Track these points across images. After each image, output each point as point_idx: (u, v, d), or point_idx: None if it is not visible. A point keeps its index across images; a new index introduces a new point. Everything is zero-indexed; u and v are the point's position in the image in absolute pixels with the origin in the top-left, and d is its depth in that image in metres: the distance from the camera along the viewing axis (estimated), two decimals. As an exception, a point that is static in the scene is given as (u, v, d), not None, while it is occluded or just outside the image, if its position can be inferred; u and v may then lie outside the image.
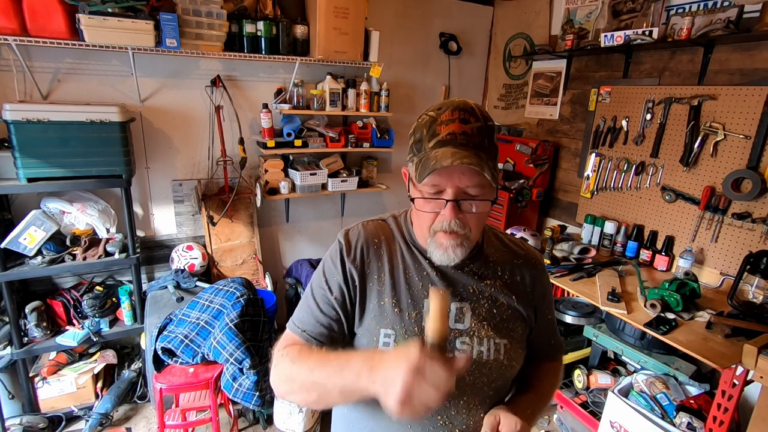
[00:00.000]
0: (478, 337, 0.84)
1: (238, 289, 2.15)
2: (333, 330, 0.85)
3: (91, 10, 2.01)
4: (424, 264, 0.87)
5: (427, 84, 3.37)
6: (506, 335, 0.86)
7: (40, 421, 2.26)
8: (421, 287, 0.85)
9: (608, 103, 2.66)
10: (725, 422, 1.62)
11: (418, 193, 0.79)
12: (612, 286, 2.11)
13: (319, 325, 0.85)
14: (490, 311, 0.86)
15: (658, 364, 2.06)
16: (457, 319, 0.85)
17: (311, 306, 0.87)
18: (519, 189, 2.92)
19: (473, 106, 0.77)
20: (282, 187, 2.83)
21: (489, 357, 0.83)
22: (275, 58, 2.58)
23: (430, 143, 0.76)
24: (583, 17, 2.81)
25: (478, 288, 0.87)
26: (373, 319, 0.84)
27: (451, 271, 0.87)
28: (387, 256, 0.87)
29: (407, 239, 0.90)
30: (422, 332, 0.80)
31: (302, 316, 0.88)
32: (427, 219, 0.80)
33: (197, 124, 2.66)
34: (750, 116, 2.02)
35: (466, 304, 0.86)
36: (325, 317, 0.85)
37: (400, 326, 0.82)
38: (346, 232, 0.90)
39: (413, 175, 0.78)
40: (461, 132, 0.74)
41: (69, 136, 2.03)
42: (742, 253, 2.04)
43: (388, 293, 0.84)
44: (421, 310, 0.83)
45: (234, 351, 1.96)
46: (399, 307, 0.84)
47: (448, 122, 0.75)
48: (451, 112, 0.76)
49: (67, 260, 2.22)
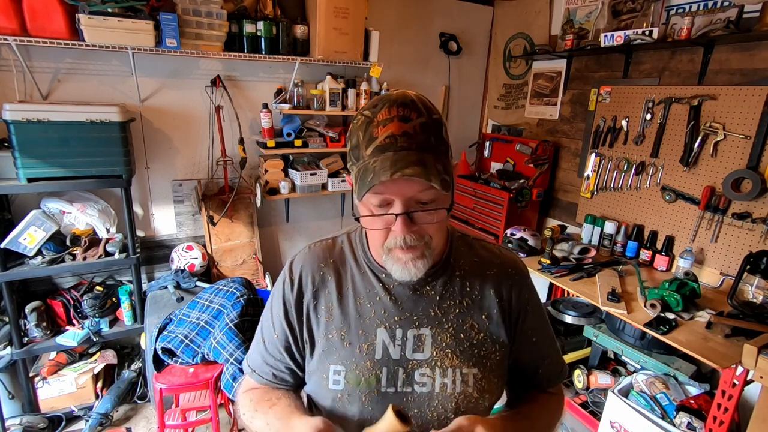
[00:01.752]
0: (441, 367, 0.75)
1: (238, 289, 2.15)
2: (281, 371, 0.82)
3: (91, 10, 2.01)
4: (378, 288, 0.78)
5: (427, 84, 3.37)
6: (477, 364, 0.76)
7: (40, 421, 2.26)
8: (373, 315, 0.76)
9: (608, 103, 2.66)
10: (725, 422, 1.62)
11: (364, 209, 0.70)
12: (612, 286, 2.10)
13: (268, 366, 0.83)
14: (456, 336, 0.76)
15: (658, 364, 2.06)
16: (416, 348, 0.75)
17: (259, 344, 0.85)
18: (519, 189, 2.92)
19: (413, 98, 0.67)
20: (282, 187, 2.83)
21: (455, 389, 0.74)
22: (275, 58, 2.58)
23: (367, 150, 0.66)
24: (583, 17, 2.81)
25: (441, 310, 0.77)
26: (323, 355, 0.77)
27: (408, 293, 0.77)
28: (335, 283, 0.79)
29: (360, 259, 0.81)
30: (374, 366, 0.75)
31: (253, 354, 0.87)
32: (379, 237, 0.71)
33: (197, 124, 2.66)
34: (750, 116, 2.02)
35: (426, 330, 0.76)
36: (271, 358, 0.82)
37: (350, 361, 0.75)
38: (291, 261, 0.83)
39: (354, 188, 0.68)
40: (401, 133, 0.64)
41: (69, 136, 2.03)
42: (742, 253, 2.04)
43: (336, 325, 0.77)
44: (373, 342, 0.75)
45: (234, 351, 1.96)
46: (348, 339, 0.76)
47: (385, 122, 0.65)
48: (388, 109, 0.65)
49: (67, 260, 2.22)
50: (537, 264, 2.39)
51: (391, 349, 0.75)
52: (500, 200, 2.94)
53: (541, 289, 3.08)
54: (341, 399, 0.75)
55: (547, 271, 2.32)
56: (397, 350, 0.75)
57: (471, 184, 3.15)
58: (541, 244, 2.60)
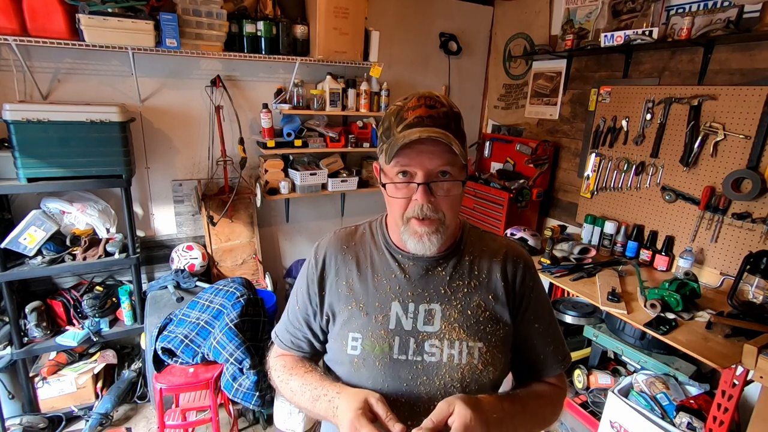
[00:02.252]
0: (449, 339, 0.82)
1: (238, 289, 2.15)
2: (299, 339, 0.93)
3: (91, 10, 2.01)
4: (394, 267, 0.87)
5: (427, 84, 3.37)
6: (482, 338, 0.82)
7: (40, 421, 2.26)
8: (389, 290, 0.85)
9: (608, 103, 2.66)
10: (725, 422, 1.62)
11: (388, 180, 0.80)
12: (612, 286, 2.10)
13: (288, 334, 0.95)
14: (464, 313, 0.83)
15: (658, 364, 2.06)
16: (426, 321, 0.83)
17: (285, 315, 0.97)
18: (519, 189, 2.92)
19: (439, 95, 0.80)
20: (282, 187, 2.83)
21: (461, 360, 0.81)
22: (275, 58, 2.58)
23: (398, 128, 0.77)
24: (583, 17, 2.81)
25: (451, 289, 0.85)
26: (344, 324, 0.86)
27: (421, 273, 0.86)
28: (356, 261, 0.89)
29: (379, 242, 0.90)
30: (388, 336, 0.83)
31: (280, 325, 0.99)
32: (400, 206, 0.80)
33: (197, 124, 2.66)
34: (750, 116, 2.02)
35: (436, 306, 0.84)
36: (292, 327, 0.94)
37: (367, 329, 0.83)
38: (318, 243, 0.94)
39: (383, 160, 0.79)
40: (428, 115, 0.76)
41: (69, 136, 2.03)
42: (742, 253, 2.04)
43: (356, 298, 0.86)
44: (388, 313, 0.84)
45: (234, 351, 1.96)
46: (366, 311, 0.85)
47: (414, 108, 0.77)
48: (417, 99, 0.78)
49: (67, 260, 2.22)
50: (537, 264, 2.39)
51: (403, 320, 0.84)
52: (500, 200, 2.94)
53: (541, 289, 3.07)
54: (357, 363, 0.83)
55: (547, 271, 2.32)
56: (409, 322, 0.84)
57: (471, 184, 3.15)
58: (541, 244, 2.60)
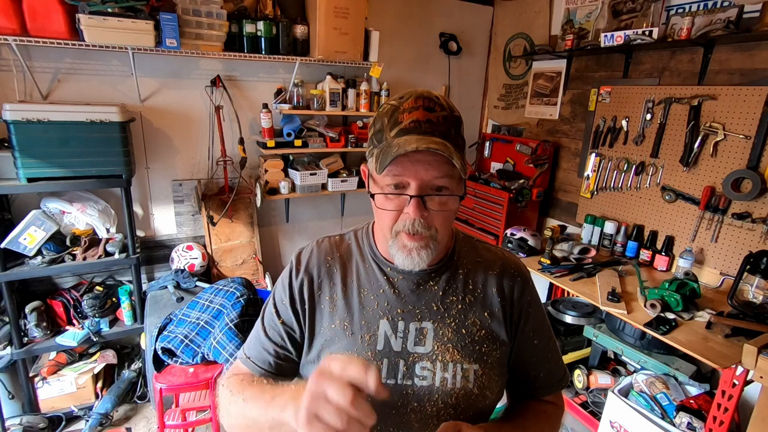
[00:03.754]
0: (441, 361, 0.75)
1: (238, 289, 2.15)
2: (278, 357, 0.80)
3: (91, 10, 2.01)
4: (382, 281, 0.79)
5: (428, 84, 3.37)
6: (478, 360, 0.76)
7: (40, 421, 2.26)
8: (376, 306, 0.78)
9: (608, 103, 2.66)
10: (725, 422, 1.62)
11: (378, 189, 0.72)
12: (612, 286, 2.10)
13: (264, 352, 0.81)
14: (458, 332, 0.77)
15: (658, 364, 2.06)
16: (417, 341, 0.76)
17: (259, 330, 0.84)
18: (519, 189, 2.92)
19: (438, 96, 0.72)
20: (282, 187, 2.83)
21: (455, 385, 0.74)
22: (275, 58, 2.58)
23: (392, 132, 0.69)
24: (583, 17, 2.81)
25: (443, 305, 0.78)
26: (325, 345, 0.77)
27: (412, 287, 0.79)
28: (340, 275, 0.81)
29: (366, 253, 0.83)
30: (375, 357, 0.75)
31: (250, 341, 0.85)
32: (389, 218, 0.72)
33: (197, 124, 2.66)
34: (750, 116, 2.02)
35: (428, 324, 0.77)
36: (270, 343, 0.81)
37: (352, 351, 0.75)
38: (299, 251, 0.85)
39: (374, 167, 0.71)
40: (426, 120, 0.68)
41: (69, 136, 2.03)
42: (742, 253, 2.04)
43: (339, 315, 0.78)
44: (375, 333, 0.76)
45: (234, 351, 1.96)
46: (351, 330, 0.77)
47: (411, 110, 0.69)
48: (414, 99, 0.70)
49: (67, 260, 2.22)
50: (537, 264, 2.39)
51: (392, 340, 0.76)
52: (500, 200, 2.94)
53: (541, 289, 3.08)
54: None
55: (547, 271, 2.32)
56: (398, 342, 0.76)
57: (471, 184, 3.14)
58: (541, 244, 2.60)
